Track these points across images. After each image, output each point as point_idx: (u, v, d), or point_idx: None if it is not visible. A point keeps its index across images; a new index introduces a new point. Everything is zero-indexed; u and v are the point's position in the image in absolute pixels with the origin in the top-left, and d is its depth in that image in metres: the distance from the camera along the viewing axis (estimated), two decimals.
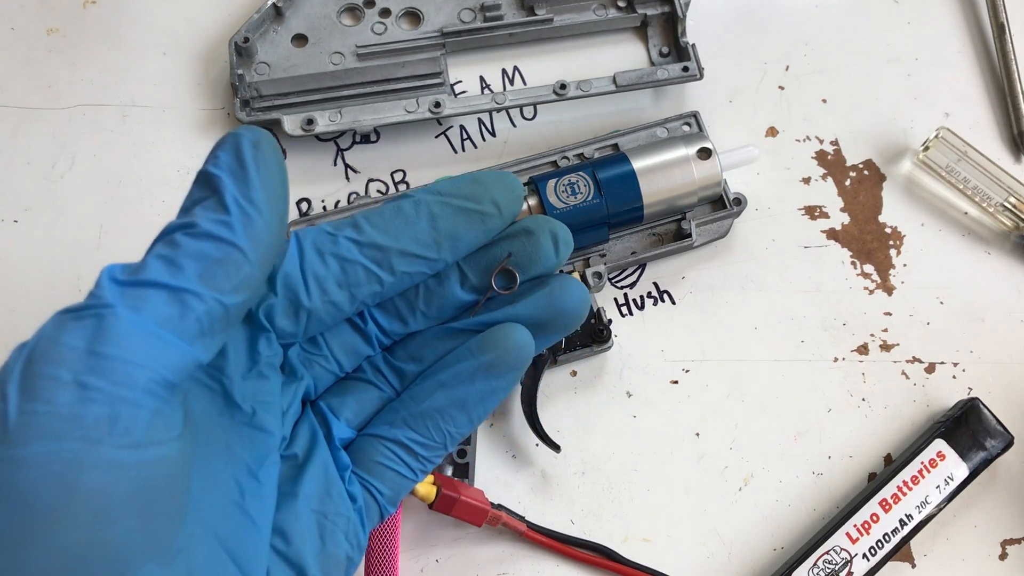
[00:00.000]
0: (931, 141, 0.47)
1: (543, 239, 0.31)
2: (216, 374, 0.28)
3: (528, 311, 0.31)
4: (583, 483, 0.43)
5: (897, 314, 0.46)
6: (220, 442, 0.27)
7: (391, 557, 0.38)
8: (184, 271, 0.24)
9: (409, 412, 0.31)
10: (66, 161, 0.47)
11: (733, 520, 0.43)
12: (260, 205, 0.25)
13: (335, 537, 0.29)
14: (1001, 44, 0.50)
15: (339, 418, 0.31)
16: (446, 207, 0.30)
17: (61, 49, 0.49)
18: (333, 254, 0.29)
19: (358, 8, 0.48)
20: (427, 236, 0.30)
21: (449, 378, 0.31)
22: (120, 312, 0.22)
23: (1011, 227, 0.47)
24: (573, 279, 0.32)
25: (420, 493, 0.38)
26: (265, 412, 0.29)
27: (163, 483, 0.23)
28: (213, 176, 0.25)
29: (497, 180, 0.31)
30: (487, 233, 0.31)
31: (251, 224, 0.25)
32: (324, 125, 0.46)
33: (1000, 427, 0.42)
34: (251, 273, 0.25)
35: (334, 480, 0.30)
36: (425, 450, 0.31)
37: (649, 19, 0.49)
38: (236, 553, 0.26)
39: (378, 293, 0.30)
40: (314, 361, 0.32)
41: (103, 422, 0.22)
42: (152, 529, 0.23)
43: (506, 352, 0.30)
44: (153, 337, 0.23)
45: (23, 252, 0.46)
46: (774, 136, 0.49)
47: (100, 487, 0.22)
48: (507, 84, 0.49)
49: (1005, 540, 0.43)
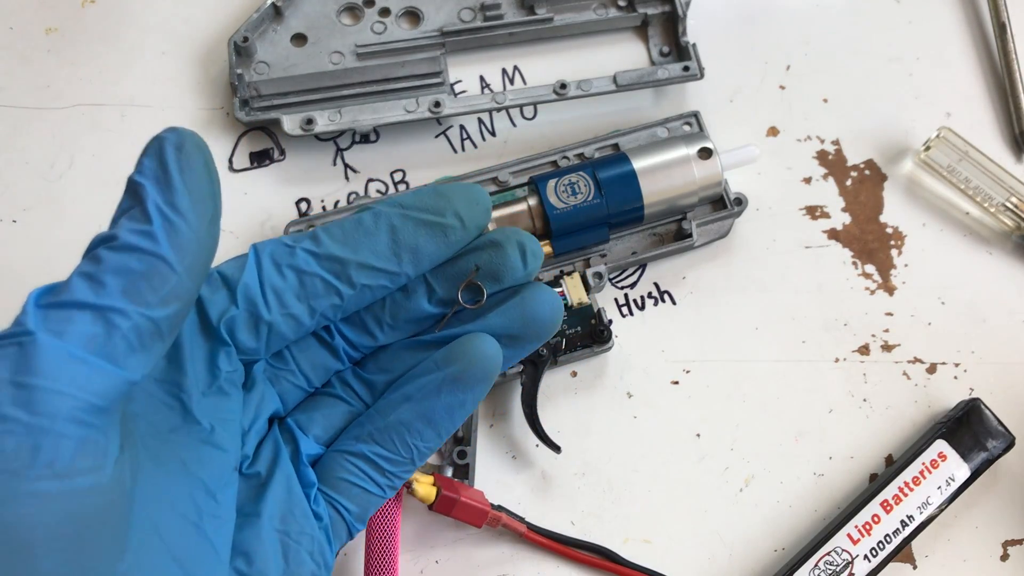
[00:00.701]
0: (932, 141, 0.47)
1: (510, 251, 0.31)
2: (174, 390, 0.27)
3: (500, 322, 0.31)
4: (583, 484, 0.43)
5: (898, 314, 0.46)
6: (176, 460, 0.26)
7: (391, 558, 0.38)
8: (107, 287, 0.23)
9: (375, 426, 0.30)
10: (65, 161, 0.47)
11: (734, 521, 0.43)
12: (184, 211, 0.24)
13: (299, 557, 0.28)
14: (1002, 43, 0.50)
15: (307, 434, 0.31)
16: (407, 220, 0.29)
17: (60, 48, 0.49)
18: (290, 266, 0.29)
19: (358, 7, 0.48)
20: (387, 249, 0.29)
21: (415, 391, 0.30)
22: (41, 339, 0.22)
23: (1012, 227, 0.47)
24: (545, 287, 0.31)
25: (420, 494, 0.38)
26: (224, 430, 0.28)
27: (94, 513, 0.22)
28: (136, 184, 0.24)
29: (461, 192, 0.30)
30: (450, 246, 0.30)
31: (175, 232, 0.24)
32: (323, 125, 0.46)
33: (1001, 428, 0.42)
34: (179, 283, 0.24)
35: (298, 499, 0.29)
36: (392, 465, 0.30)
37: (649, 18, 0.49)
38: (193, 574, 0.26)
39: (338, 306, 0.29)
40: (281, 377, 0.31)
41: (24, 454, 0.21)
42: (84, 562, 0.22)
43: (471, 363, 0.30)
44: (77, 362, 0.22)
45: (22, 252, 0.46)
46: (775, 136, 0.49)
47: (21, 522, 0.21)
48: (507, 84, 0.49)
49: (1006, 541, 0.43)
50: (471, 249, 0.31)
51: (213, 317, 0.28)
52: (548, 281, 0.44)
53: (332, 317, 0.30)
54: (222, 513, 0.27)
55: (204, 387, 0.28)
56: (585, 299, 0.43)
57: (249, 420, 0.29)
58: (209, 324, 0.28)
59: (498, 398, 0.44)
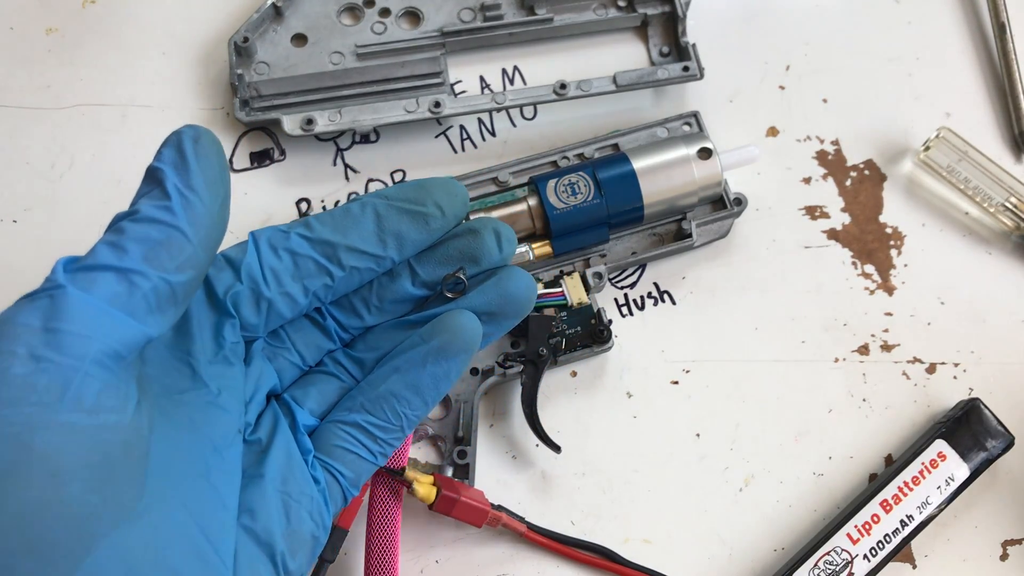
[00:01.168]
0: (932, 141, 0.47)
1: (487, 236, 0.34)
2: (183, 356, 0.30)
3: (479, 300, 0.33)
4: (583, 484, 0.43)
5: (898, 314, 0.46)
6: (185, 417, 0.29)
7: (391, 557, 0.38)
8: (129, 253, 0.25)
9: (366, 397, 0.33)
10: (65, 161, 0.47)
11: (734, 521, 0.43)
12: (200, 191, 0.27)
13: (300, 516, 0.30)
14: (1002, 44, 0.50)
15: (303, 407, 0.33)
16: (391, 208, 0.32)
17: (60, 49, 0.49)
18: (285, 248, 0.31)
19: (358, 8, 0.48)
20: (373, 235, 0.32)
21: (402, 363, 0.32)
22: (71, 292, 0.24)
23: (1012, 227, 0.47)
24: (520, 270, 0.34)
25: (420, 494, 0.38)
26: (229, 395, 0.30)
27: (118, 448, 0.25)
28: (156, 169, 0.27)
29: (440, 185, 0.33)
30: (431, 233, 0.33)
31: (191, 208, 0.27)
32: (324, 125, 0.46)
33: (1001, 427, 0.42)
34: (194, 253, 0.27)
35: (297, 462, 0.31)
36: (383, 433, 0.33)
37: (649, 19, 0.49)
38: (203, 523, 0.27)
39: (330, 287, 0.32)
40: (278, 354, 0.33)
41: (55, 389, 0.23)
42: (108, 491, 0.24)
43: (453, 335, 0.32)
44: (103, 313, 0.24)
45: (22, 252, 0.46)
46: (775, 136, 0.49)
47: (53, 448, 0.23)
48: (507, 84, 0.49)
49: (1006, 541, 0.43)
50: (451, 236, 0.34)
51: (219, 291, 0.31)
52: (548, 281, 0.44)
53: (324, 298, 0.32)
54: (228, 469, 0.29)
55: (211, 355, 0.30)
56: (585, 299, 0.43)
57: (250, 392, 0.32)
58: (216, 297, 0.31)
59: (498, 398, 0.44)
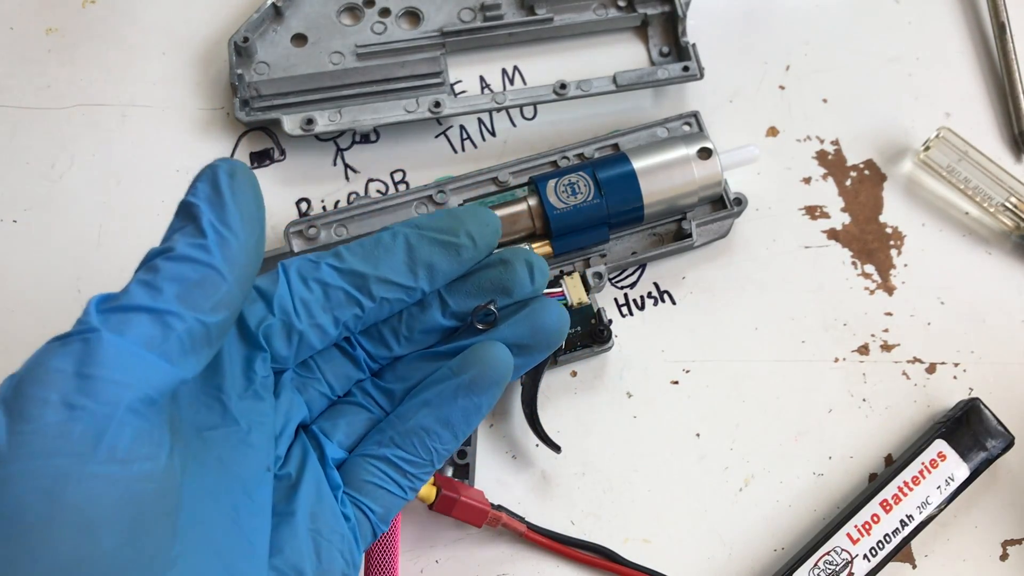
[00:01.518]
0: (932, 141, 0.47)
1: (519, 268, 0.33)
2: (214, 392, 0.29)
3: (510, 333, 0.33)
4: (583, 484, 0.43)
5: (898, 314, 0.46)
6: (214, 458, 0.28)
7: (391, 557, 0.38)
8: (164, 293, 0.25)
9: (396, 431, 0.32)
10: (65, 161, 0.47)
11: (733, 521, 0.43)
12: (236, 228, 0.26)
13: (331, 555, 0.30)
14: (1002, 44, 0.50)
15: (332, 440, 0.32)
16: (422, 238, 0.32)
17: (60, 49, 0.49)
18: (316, 279, 0.31)
19: (358, 8, 0.48)
20: (403, 265, 0.31)
21: (432, 397, 0.32)
22: (105, 336, 0.24)
23: (1012, 227, 0.47)
24: (553, 301, 0.34)
25: (420, 494, 0.38)
26: (259, 431, 0.30)
27: (151, 498, 0.24)
28: (191, 204, 0.27)
29: (472, 214, 0.33)
30: (463, 264, 0.32)
31: (227, 246, 0.26)
32: (324, 125, 0.46)
33: (1001, 427, 0.42)
34: (229, 292, 0.26)
35: (327, 498, 0.31)
36: (413, 467, 0.32)
37: (649, 19, 0.49)
38: (233, 569, 0.27)
39: (360, 317, 0.32)
40: (308, 385, 0.33)
41: (89, 439, 0.23)
42: (141, 543, 0.24)
43: (485, 368, 0.32)
44: (137, 358, 0.24)
45: (22, 252, 0.46)
46: (774, 136, 0.49)
47: (86, 501, 0.22)
48: (507, 84, 0.49)
49: (1006, 540, 0.43)
50: (483, 266, 0.33)
51: (252, 324, 0.30)
52: (548, 281, 0.44)
53: (353, 328, 0.32)
54: (257, 510, 0.29)
55: (241, 390, 0.30)
56: (585, 299, 0.43)
57: (280, 424, 0.31)
58: (248, 330, 0.30)
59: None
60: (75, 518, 0.22)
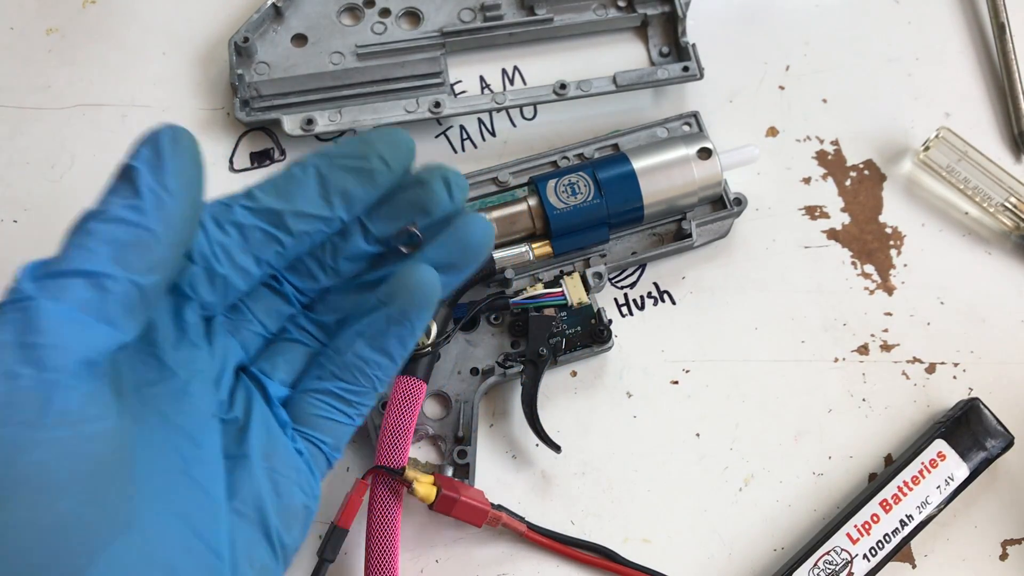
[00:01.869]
0: (931, 141, 0.47)
1: (436, 185, 0.33)
2: (147, 347, 0.29)
3: (434, 253, 0.32)
4: (583, 483, 0.43)
5: (898, 314, 0.46)
6: (156, 413, 0.28)
7: (391, 557, 0.38)
8: (97, 255, 0.25)
9: (335, 365, 0.32)
10: (66, 161, 0.47)
11: (733, 520, 0.43)
12: (173, 190, 0.26)
13: (289, 489, 0.30)
14: (1001, 44, 0.50)
15: (273, 379, 0.32)
16: (333, 167, 0.31)
17: (60, 49, 0.49)
18: (231, 222, 0.31)
19: (358, 8, 0.48)
20: (317, 196, 0.31)
21: (365, 328, 0.32)
22: (41, 303, 0.24)
23: (1012, 227, 0.47)
24: (475, 215, 0.33)
25: (420, 494, 0.38)
26: (198, 380, 0.30)
27: (105, 457, 0.24)
28: (130, 168, 0.27)
29: (383, 136, 0.32)
30: (379, 187, 0.32)
31: (163, 207, 0.26)
32: (324, 125, 0.46)
33: (1000, 427, 0.42)
34: (164, 254, 0.26)
35: (278, 436, 0.31)
36: (356, 396, 0.32)
37: (649, 19, 0.49)
38: (192, 521, 0.27)
39: (281, 254, 0.31)
40: (240, 327, 0.33)
41: (36, 406, 0.23)
42: (99, 504, 0.24)
43: (411, 295, 0.31)
44: (76, 322, 0.24)
45: (22, 252, 0.45)
46: (774, 136, 0.49)
47: (39, 467, 0.23)
48: (507, 84, 0.49)
49: (1005, 540, 0.43)
50: (399, 188, 0.33)
51: None
52: (548, 281, 0.44)
53: (277, 265, 0.32)
54: (207, 458, 0.29)
55: (175, 341, 0.30)
56: (585, 299, 0.43)
57: (217, 370, 0.31)
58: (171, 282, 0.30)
59: (498, 398, 0.44)
60: (31, 483, 0.23)
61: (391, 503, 0.39)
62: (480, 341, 0.44)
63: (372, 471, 0.39)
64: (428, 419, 0.43)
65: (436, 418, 0.43)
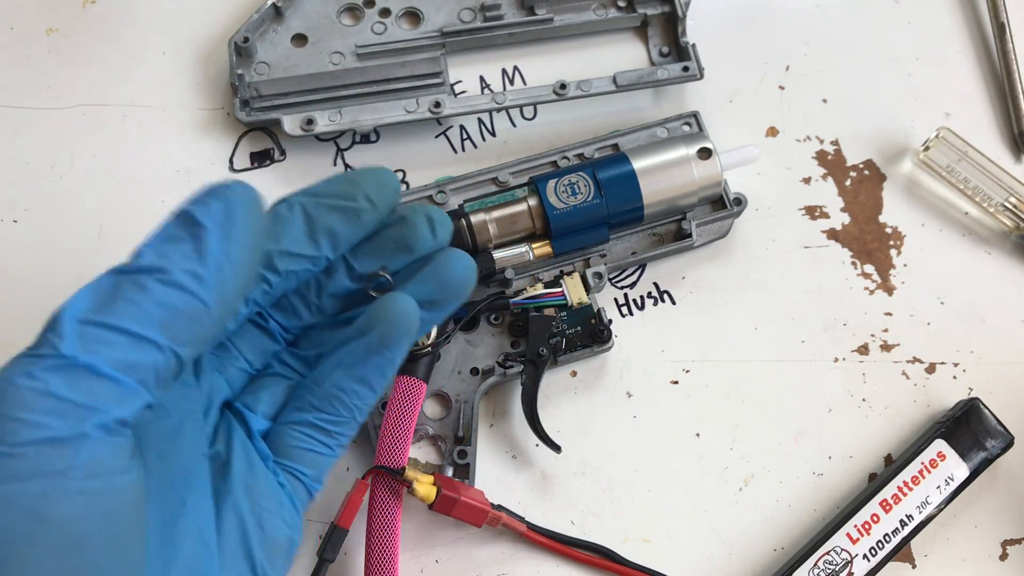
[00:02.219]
0: (931, 141, 0.47)
1: (419, 224, 0.33)
2: None
3: (416, 290, 0.33)
4: (583, 483, 0.43)
5: (897, 314, 0.46)
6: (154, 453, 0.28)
7: (391, 557, 0.38)
8: (149, 318, 0.25)
9: (314, 396, 0.32)
10: (65, 161, 0.47)
11: (733, 520, 0.43)
12: (237, 263, 0.26)
13: (272, 522, 0.30)
14: (1001, 44, 0.50)
15: (256, 412, 0.33)
16: (320, 206, 0.32)
17: (61, 49, 0.49)
18: None
19: (358, 8, 0.48)
20: (304, 235, 0.31)
21: (344, 357, 0.32)
22: (80, 358, 0.24)
23: (1012, 227, 0.47)
24: (457, 251, 0.33)
25: (420, 494, 0.38)
26: (190, 419, 0.30)
27: (127, 507, 0.25)
28: (199, 223, 0.26)
29: (369, 175, 0.32)
30: (364, 226, 0.32)
31: (223, 281, 0.26)
32: (324, 125, 0.46)
33: (1000, 427, 0.42)
34: (211, 331, 0.26)
35: (260, 470, 0.31)
36: (336, 427, 0.32)
37: (649, 19, 0.49)
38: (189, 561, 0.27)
39: (268, 293, 0.32)
40: (226, 363, 0.33)
41: (67, 457, 0.23)
42: (121, 551, 0.24)
43: (390, 324, 0.31)
44: (111, 382, 0.24)
45: (23, 252, 0.46)
46: (774, 136, 0.49)
47: (69, 517, 0.23)
48: (507, 84, 0.49)
49: (1005, 540, 0.43)
50: (384, 226, 0.33)
51: None
52: (548, 281, 0.44)
53: (264, 303, 0.32)
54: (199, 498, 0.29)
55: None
56: (585, 299, 0.43)
57: (204, 407, 0.31)
58: None
59: (498, 398, 0.44)
60: (59, 534, 0.23)
61: (391, 503, 0.39)
62: (480, 341, 0.44)
63: (372, 471, 0.39)
64: (428, 419, 0.43)
65: (436, 418, 0.43)
